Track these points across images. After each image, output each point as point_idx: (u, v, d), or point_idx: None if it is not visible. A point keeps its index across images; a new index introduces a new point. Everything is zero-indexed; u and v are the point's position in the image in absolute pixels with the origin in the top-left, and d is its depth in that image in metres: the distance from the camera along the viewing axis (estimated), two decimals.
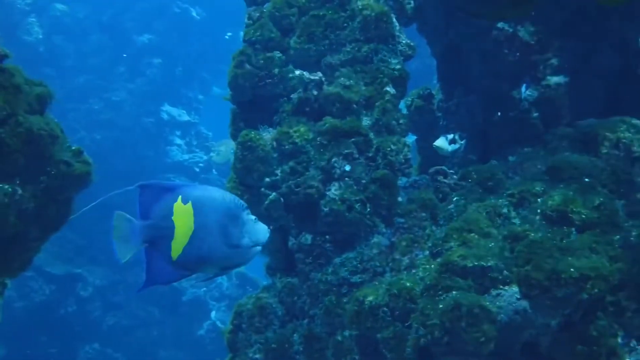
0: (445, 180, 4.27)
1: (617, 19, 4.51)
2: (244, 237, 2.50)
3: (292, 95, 4.33)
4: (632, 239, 3.43)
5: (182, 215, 2.40)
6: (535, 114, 4.65)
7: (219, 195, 2.50)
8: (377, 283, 3.74)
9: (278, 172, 4.19)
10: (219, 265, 2.53)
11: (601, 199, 3.59)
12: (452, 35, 4.96)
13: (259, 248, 2.56)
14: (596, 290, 3.17)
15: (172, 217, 2.39)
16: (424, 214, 4.02)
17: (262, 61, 4.37)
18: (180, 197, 2.41)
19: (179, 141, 13.45)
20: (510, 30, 4.51)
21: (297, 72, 4.36)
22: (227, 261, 2.51)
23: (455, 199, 4.05)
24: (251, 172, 4.23)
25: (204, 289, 11.90)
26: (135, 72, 13.20)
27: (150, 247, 2.42)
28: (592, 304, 3.27)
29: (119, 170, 11.03)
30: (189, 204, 2.41)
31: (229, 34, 15.06)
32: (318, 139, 4.13)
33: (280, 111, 4.36)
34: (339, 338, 3.77)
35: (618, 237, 3.41)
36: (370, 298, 3.58)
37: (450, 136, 4.80)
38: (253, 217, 2.55)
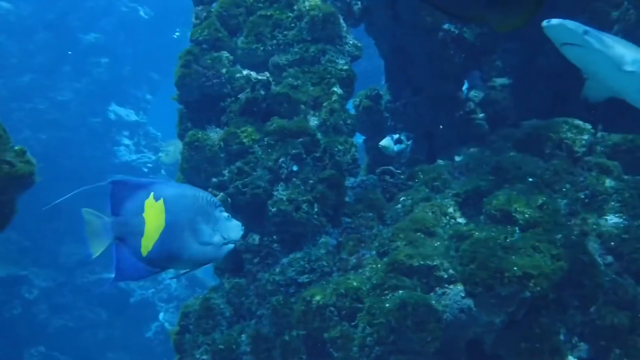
0: (392, 180, 4.30)
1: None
2: (216, 234, 2.54)
3: (239, 95, 4.31)
4: (573, 237, 3.50)
5: (153, 212, 2.42)
6: (481, 115, 4.71)
7: (191, 192, 2.53)
8: (324, 283, 3.75)
9: (225, 172, 4.17)
10: (189, 263, 2.56)
11: (544, 199, 3.65)
12: (399, 36, 5.00)
13: (231, 245, 2.60)
14: (539, 288, 3.22)
15: (143, 214, 2.41)
16: (371, 214, 4.04)
17: (209, 61, 4.35)
18: (152, 193, 2.43)
19: (126, 141, 13.31)
20: (456, 31, 4.57)
21: (245, 72, 4.35)
22: (198, 258, 2.54)
23: (402, 198, 4.08)
24: (198, 173, 4.21)
25: (152, 290, 11.79)
26: (82, 72, 13.04)
27: (120, 243, 2.43)
28: (535, 302, 3.32)
29: (65, 170, 10.87)
30: (161, 201, 2.43)
31: (177, 33, 14.98)
32: (265, 139, 4.13)
33: (228, 111, 4.34)
34: (287, 338, 3.77)
35: (560, 235, 3.47)
36: (317, 298, 3.58)
37: (396, 136, 4.83)
38: (226, 214, 2.58)
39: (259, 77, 4.29)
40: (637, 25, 4.39)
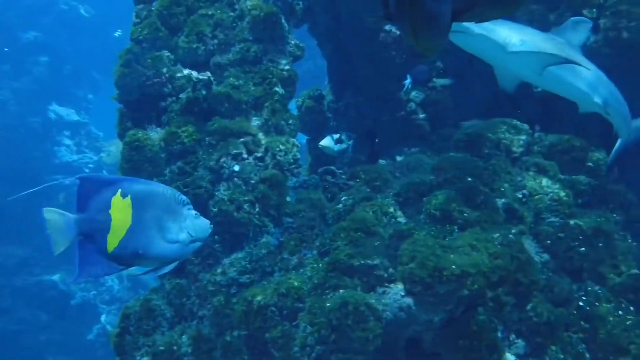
0: (334, 180, 4.31)
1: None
2: (183, 232, 2.55)
3: (180, 95, 4.28)
4: (511, 236, 3.55)
5: (120, 209, 2.43)
6: (422, 115, 4.76)
7: (159, 190, 2.54)
8: (265, 283, 3.74)
9: (166, 172, 4.14)
10: (156, 260, 2.56)
11: (482, 198, 3.70)
12: (341, 37, 5.02)
13: (198, 243, 2.62)
14: (476, 286, 3.27)
15: (110, 211, 2.42)
16: (312, 214, 4.05)
17: (149, 60, 4.31)
18: (119, 190, 2.44)
19: (67, 141, 13.11)
20: (397, 32, 4.61)
21: (186, 72, 4.32)
22: (164, 256, 2.55)
23: (343, 198, 4.09)
24: (139, 173, 4.17)
25: (94, 292, 11.63)
26: (21, 71, 12.81)
27: (85, 240, 2.44)
28: (472, 300, 3.36)
29: (4, 171, 10.66)
30: (128, 198, 2.44)
31: (119, 32, 14.80)
32: (207, 139, 4.11)
33: (169, 111, 4.31)
34: (228, 338, 3.75)
35: (498, 234, 3.52)
36: (258, 298, 3.57)
37: (336, 136, 4.85)
38: (194, 212, 2.59)
39: (200, 77, 4.27)
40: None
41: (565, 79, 4.00)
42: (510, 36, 3.80)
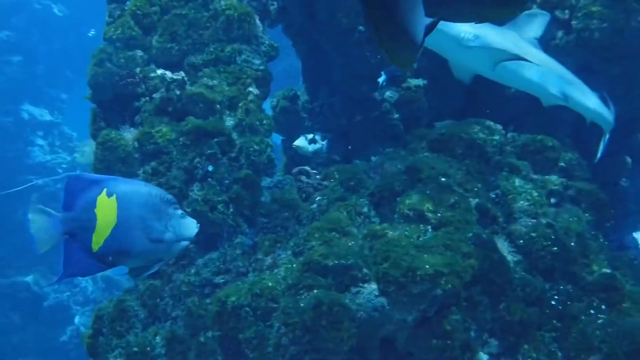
0: (309, 181, 4.31)
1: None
2: (168, 231, 2.56)
3: (154, 95, 4.26)
4: (484, 236, 3.57)
5: (105, 208, 2.44)
6: (396, 115, 4.77)
7: (145, 189, 2.56)
8: (239, 283, 3.73)
9: (140, 172, 4.12)
10: (141, 259, 2.59)
11: (456, 198, 3.71)
12: (316, 37, 5.02)
13: (185, 243, 2.64)
14: (450, 286, 3.28)
15: (95, 210, 2.44)
16: (287, 214, 4.05)
17: (123, 60, 4.29)
18: (105, 189, 2.46)
19: (41, 142, 12.99)
20: None
21: (160, 72, 4.31)
22: (149, 255, 2.57)
23: (317, 198, 4.10)
24: (112, 173, 4.13)
25: (68, 293, 11.54)
26: None
27: (70, 238, 2.45)
28: (446, 300, 3.38)
29: None
30: (113, 197, 2.45)
31: (93, 31, 14.70)
32: (181, 139, 4.09)
33: (142, 111, 4.29)
34: (202, 339, 3.74)
35: (471, 234, 3.54)
36: (232, 298, 3.57)
37: (310, 136, 4.86)
38: (180, 212, 2.60)
39: (174, 77, 4.26)
40: (545, 30, 4.51)
41: (518, 73, 4.03)
42: (465, 31, 3.83)
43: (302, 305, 3.36)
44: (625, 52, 4.32)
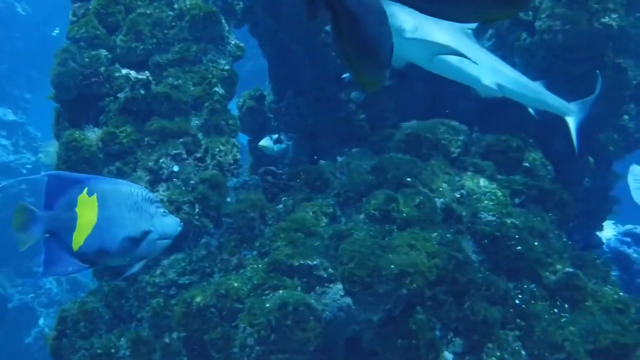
0: (275, 181, 4.30)
1: None
2: (150, 230, 2.57)
3: (118, 95, 4.23)
4: (449, 236, 3.59)
5: (86, 207, 2.46)
6: (362, 116, 4.78)
7: (126, 188, 2.57)
8: (205, 284, 3.72)
9: (104, 173, 4.08)
10: (122, 258, 2.60)
11: (421, 198, 3.73)
12: (282, 37, 5.02)
13: (167, 241, 2.65)
14: (415, 285, 3.29)
15: (76, 209, 2.45)
16: (252, 214, 4.04)
17: (87, 59, 4.25)
18: (86, 189, 2.47)
19: (4, 142, 12.83)
20: None
21: (124, 71, 4.27)
22: (131, 254, 2.58)
23: (283, 199, 4.09)
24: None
25: (32, 295, 11.41)
26: None
27: (51, 237, 2.47)
28: (411, 299, 3.40)
29: None
30: (94, 196, 2.46)
31: (57, 30, 14.56)
32: (145, 139, 4.07)
33: (107, 111, 4.25)
34: (167, 340, 3.72)
35: (436, 234, 3.56)
36: (198, 299, 3.55)
37: (275, 136, 4.86)
38: (162, 210, 2.62)
39: (139, 77, 4.23)
40: (509, 31, 4.56)
41: (454, 65, 4.05)
42: (406, 21, 3.84)
43: (267, 305, 3.36)
44: (587, 53, 4.37)
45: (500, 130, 4.39)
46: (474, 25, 4.12)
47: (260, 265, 3.62)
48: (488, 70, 4.11)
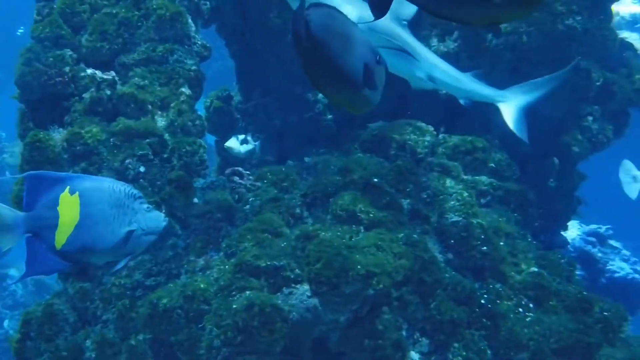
0: (242, 181, 4.30)
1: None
2: (134, 226, 2.57)
3: (84, 95, 4.18)
4: (415, 236, 3.61)
5: (68, 206, 2.46)
6: (329, 116, 4.80)
7: (108, 185, 2.57)
8: (171, 285, 3.71)
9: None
10: (107, 255, 2.62)
11: (388, 199, 3.75)
12: (249, 37, 5.01)
13: (152, 237, 2.67)
14: (381, 285, 3.31)
15: (58, 208, 2.46)
16: (219, 215, 4.03)
17: (51, 59, 4.20)
18: (68, 187, 2.47)
19: None
20: None
21: (89, 71, 4.23)
22: (115, 251, 2.59)
23: (250, 199, 4.09)
24: None
25: None
26: None
27: (33, 237, 2.48)
28: (378, 299, 3.41)
29: None
30: (76, 195, 2.47)
31: (21, 29, 14.40)
32: (111, 139, 4.03)
33: (72, 111, 4.20)
34: (133, 342, 3.70)
35: (402, 235, 3.58)
36: (164, 301, 3.54)
37: (242, 137, 4.85)
38: (146, 205, 2.63)
39: (104, 77, 4.19)
40: (475, 33, 4.59)
41: (388, 57, 4.00)
42: (350, 12, 3.80)
43: (234, 306, 3.36)
44: (552, 54, 4.42)
45: (467, 131, 4.41)
46: (409, 16, 4.08)
47: (227, 267, 3.62)
48: (421, 62, 4.09)
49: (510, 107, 4.33)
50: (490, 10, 1.54)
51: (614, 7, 4.88)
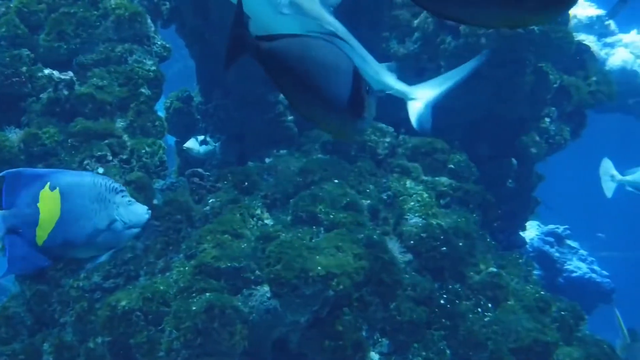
0: (202, 183, 4.28)
1: (365, 28, 4.75)
2: (116, 220, 2.55)
3: (41, 95, 4.13)
4: (375, 237, 3.63)
5: (48, 202, 2.44)
6: (290, 117, 4.79)
7: (89, 180, 2.54)
8: (131, 287, 3.68)
9: None
10: (89, 250, 2.59)
11: (348, 200, 3.76)
12: (209, 37, 4.99)
13: (135, 230, 2.64)
14: (341, 287, 3.32)
15: (38, 204, 2.44)
16: (179, 216, 4.00)
17: (8, 59, 4.13)
18: (48, 183, 2.45)
19: None
20: None
21: (47, 71, 4.17)
22: (97, 245, 2.57)
23: (210, 200, 4.07)
24: None
25: None
26: None
27: (14, 234, 2.46)
28: (338, 300, 3.41)
29: None
30: (56, 190, 2.45)
31: None
32: (69, 140, 3.99)
33: (29, 111, 4.14)
34: (91, 345, 3.66)
35: (362, 236, 3.59)
36: (123, 303, 3.51)
37: (201, 137, 4.83)
38: (128, 199, 2.60)
39: (62, 77, 4.14)
40: (434, 34, 4.62)
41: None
42: None
43: (194, 308, 3.34)
44: (510, 56, 4.46)
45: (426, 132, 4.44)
46: (335, 3, 4.04)
47: (186, 268, 3.60)
48: (347, 50, 3.98)
49: (416, 103, 4.28)
50: (519, 13, 1.48)
51: (571, 10, 4.95)
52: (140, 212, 2.65)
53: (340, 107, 2.04)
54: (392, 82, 4.26)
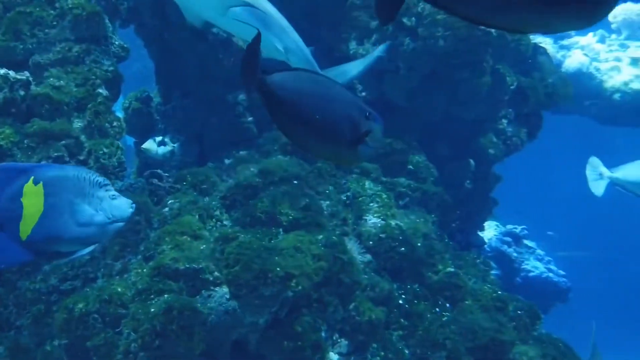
0: (161, 184, 4.26)
1: (325, 29, 4.77)
2: (99, 214, 2.53)
3: None
4: (334, 238, 3.64)
5: (32, 197, 2.43)
6: (250, 118, 4.79)
7: (73, 174, 2.53)
8: (88, 289, 3.65)
9: None
10: (73, 244, 2.56)
11: (307, 200, 3.77)
12: (168, 37, 4.97)
13: (119, 224, 2.61)
14: (300, 287, 3.33)
15: (22, 199, 2.42)
16: (137, 218, 3.97)
17: None
18: (32, 178, 2.44)
19: None
20: (225, 35, 4.61)
21: (2, 71, 4.11)
22: (81, 240, 2.54)
23: (169, 202, 4.05)
24: None
25: None
26: None
27: None
28: (297, 301, 3.42)
29: None
30: (40, 185, 2.44)
31: None
32: (25, 141, 3.94)
33: None
34: (48, 348, 3.62)
35: (322, 236, 3.60)
36: (80, 305, 3.47)
37: (159, 138, 4.80)
38: (112, 193, 2.58)
39: (18, 77, 4.09)
40: (393, 36, 4.64)
41: (248, 22, 3.84)
42: None
43: (152, 310, 3.32)
44: (469, 58, 4.51)
45: (385, 133, 4.44)
46: None
47: (144, 270, 3.58)
48: (279, 31, 3.91)
49: None
50: (546, 18, 1.38)
51: None
52: (124, 206, 2.63)
53: (338, 137, 2.06)
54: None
